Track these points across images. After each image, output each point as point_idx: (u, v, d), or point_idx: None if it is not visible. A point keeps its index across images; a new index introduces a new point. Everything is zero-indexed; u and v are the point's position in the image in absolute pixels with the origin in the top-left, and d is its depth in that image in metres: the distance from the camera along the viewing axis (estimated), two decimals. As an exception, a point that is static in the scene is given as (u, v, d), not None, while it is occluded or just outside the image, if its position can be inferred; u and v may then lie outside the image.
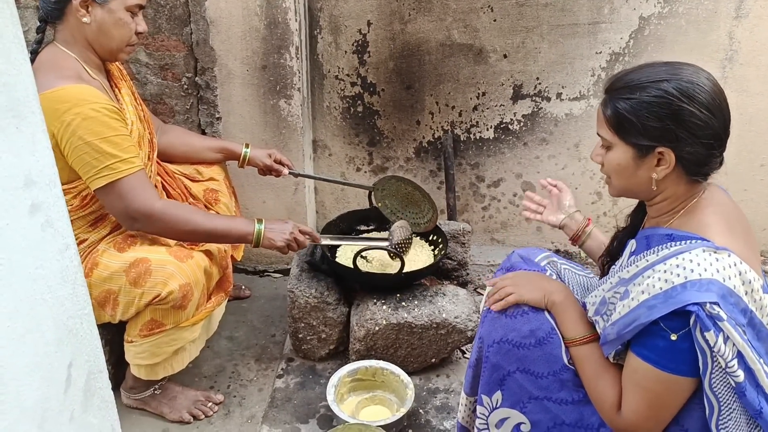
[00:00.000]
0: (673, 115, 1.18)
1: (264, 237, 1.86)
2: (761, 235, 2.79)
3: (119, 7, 1.71)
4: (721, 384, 1.15)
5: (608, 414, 1.28)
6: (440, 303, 2.09)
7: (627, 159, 1.26)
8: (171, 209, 1.75)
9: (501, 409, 1.42)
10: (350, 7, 2.50)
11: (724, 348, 1.10)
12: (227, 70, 2.40)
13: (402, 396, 1.96)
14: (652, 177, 1.24)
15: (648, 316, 1.15)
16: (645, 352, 1.19)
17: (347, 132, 2.73)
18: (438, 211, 2.32)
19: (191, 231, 1.78)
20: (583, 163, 2.71)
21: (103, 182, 1.67)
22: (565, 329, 1.37)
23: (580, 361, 1.34)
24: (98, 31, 1.72)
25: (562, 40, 2.50)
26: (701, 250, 1.15)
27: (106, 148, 1.65)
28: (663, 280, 1.15)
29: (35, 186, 0.84)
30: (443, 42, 2.54)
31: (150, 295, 1.74)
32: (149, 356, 1.85)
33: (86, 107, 1.62)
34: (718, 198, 1.29)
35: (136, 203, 1.70)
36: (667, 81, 1.19)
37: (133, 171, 1.69)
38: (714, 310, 1.10)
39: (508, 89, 2.61)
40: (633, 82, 1.23)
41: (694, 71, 1.21)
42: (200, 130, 2.51)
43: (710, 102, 1.18)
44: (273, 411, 2.03)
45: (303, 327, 2.16)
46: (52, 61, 1.70)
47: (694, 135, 1.18)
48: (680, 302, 1.11)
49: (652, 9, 2.43)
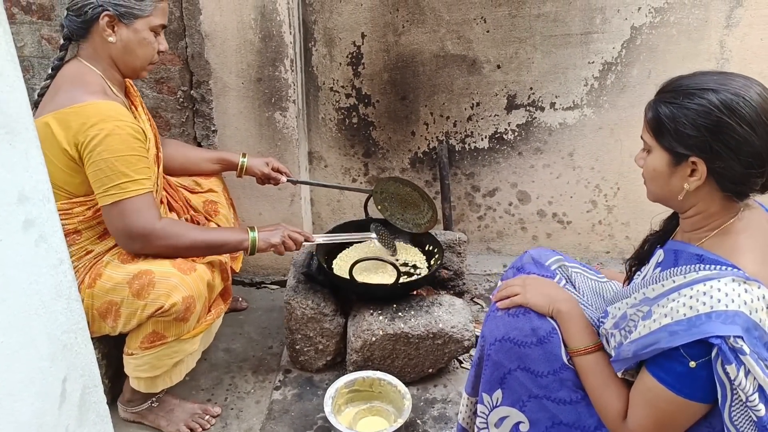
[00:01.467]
0: (711, 127, 1.14)
1: (259, 239, 1.90)
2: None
3: (144, 27, 1.76)
4: (741, 417, 1.12)
5: (613, 423, 1.27)
6: (437, 313, 2.09)
7: (662, 165, 1.22)
8: (169, 228, 1.78)
9: (501, 408, 1.42)
10: (344, 20, 2.51)
11: (745, 382, 1.08)
12: (222, 83, 2.41)
13: (399, 406, 1.96)
14: (684, 187, 1.21)
15: (669, 342, 1.12)
16: (662, 374, 1.16)
17: (342, 143, 2.75)
18: (437, 210, 2.33)
19: (190, 246, 1.81)
20: (578, 172, 2.73)
21: (109, 200, 1.70)
22: (570, 339, 1.37)
23: (584, 371, 1.33)
24: (123, 50, 1.77)
25: (555, 50, 2.52)
26: (731, 279, 1.11)
27: (120, 166, 1.68)
28: (688, 307, 1.12)
29: (29, 202, 0.84)
30: (437, 53, 2.56)
31: (153, 307, 1.74)
32: (150, 369, 1.85)
33: (111, 123, 1.66)
34: (756, 220, 1.24)
35: (136, 224, 1.72)
36: (713, 91, 1.14)
37: (141, 192, 1.72)
38: (737, 344, 1.06)
39: (502, 99, 2.63)
40: (681, 87, 1.19)
41: (745, 84, 1.16)
42: (196, 143, 2.52)
43: (754, 118, 1.12)
44: (270, 423, 2.03)
45: (300, 338, 2.16)
46: (79, 76, 1.74)
47: (730, 149, 1.14)
48: (703, 333, 1.08)
49: (643, 19, 2.45)
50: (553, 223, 2.85)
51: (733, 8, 2.41)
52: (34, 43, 2.41)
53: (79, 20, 1.73)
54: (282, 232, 1.96)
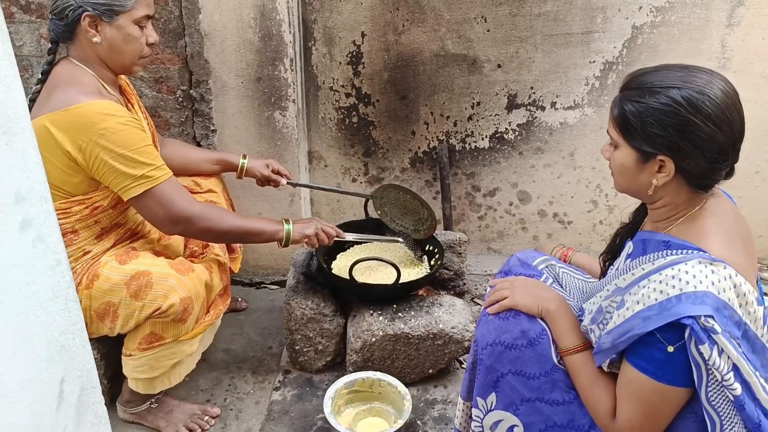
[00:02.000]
0: (678, 126, 1.16)
1: (294, 231, 1.91)
2: (757, 242, 2.79)
3: (127, 22, 1.72)
4: (719, 397, 1.14)
5: (603, 421, 1.28)
6: (437, 313, 2.08)
7: (630, 161, 1.24)
8: (209, 210, 1.79)
9: (495, 412, 1.42)
10: (344, 19, 2.51)
11: (719, 361, 1.10)
12: (222, 82, 2.40)
13: (399, 407, 1.95)
14: (652, 182, 1.23)
15: (642, 327, 1.15)
16: (642, 363, 1.18)
17: (342, 143, 2.74)
18: (436, 217, 2.33)
19: (229, 230, 1.82)
20: (579, 171, 2.72)
21: (141, 190, 1.69)
22: (559, 338, 1.37)
23: (574, 370, 1.34)
24: (109, 49, 1.74)
25: (556, 49, 2.51)
26: (697, 262, 1.14)
27: (140, 158, 1.67)
28: (658, 291, 1.15)
29: (26, 202, 0.84)
30: (437, 52, 2.55)
31: (150, 308, 1.73)
32: (148, 370, 1.84)
33: (113, 121, 1.64)
34: (721, 208, 1.27)
35: (177, 208, 1.72)
36: (677, 88, 1.16)
37: (168, 177, 1.73)
38: (708, 323, 1.09)
39: (502, 99, 2.62)
40: (645, 84, 1.20)
41: (709, 80, 1.17)
42: (195, 143, 2.51)
43: (719, 115, 1.14)
44: (270, 424, 2.02)
45: (300, 339, 2.16)
46: (71, 77, 1.72)
47: (697, 147, 1.16)
48: (675, 315, 1.11)
49: (644, 18, 2.44)
50: (553, 223, 2.84)
51: (734, 7, 2.40)
52: (33, 43, 2.40)
53: (62, 23, 1.70)
54: (316, 225, 1.97)
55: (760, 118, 2.57)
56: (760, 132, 2.59)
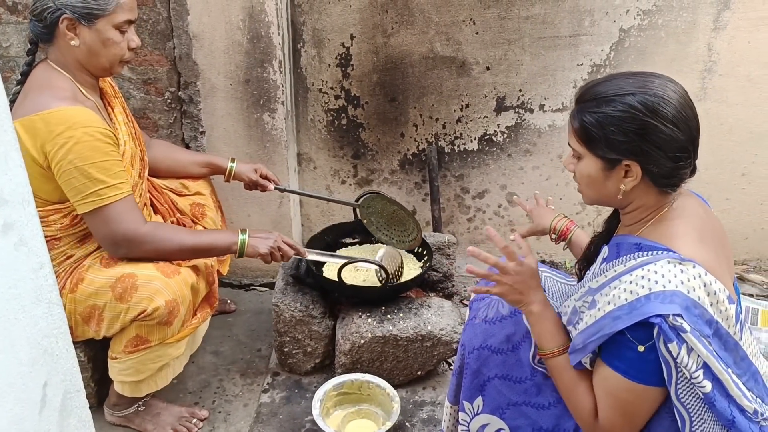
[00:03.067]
0: (638, 130, 1.18)
1: (248, 245, 1.87)
2: (744, 244, 2.81)
3: (107, 26, 1.69)
4: (688, 395, 1.16)
5: (587, 421, 1.29)
6: (425, 315, 2.08)
7: (596, 170, 1.26)
8: (155, 231, 1.76)
9: (482, 415, 1.43)
10: (333, 21, 2.51)
11: (687, 359, 1.11)
12: (210, 84, 2.40)
13: (388, 409, 1.95)
14: (620, 188, 1.25)
15: (612, 327, 1.16)
16: (615, 362, 1.20)
17: (332, 145, 2.74)
18: (422, 230, 2.31)
19: (177, 250, 1.79)
20: (567, 174, 2.73)
21: (89, 208, 1.67)
22: (539, 340, 1.37)
23: (555, 373, 1.34)
24: (88, 52, 1.71)
25: (544, 52, 2.52)
26: (666, 262, 1.16)
27: (95, 173, 1.64)
28: (628, 291, 1.17)
29: (8, 205, 0.83)
30: (426, 55, 2.55)
31: (136, 311, 1.72)
32: (134, 373, 1.83)
33: (80, 130, 1.62)
34: (691, 207, 1.29)
35: (120, 229, 1.70)
36: (632, 95, 1.19)
37: (121, 197, 1.69)
38: (677, 322, 1.11)
39: (491, 101, 2.63)
40: (600, 95, 1.23)
41: (661, 83, 1.20)
42: (184, 144, 2.51)
43: (675, 115, 1.18)
44: (259, 426, 2.02)
45: (288, 341, 2.15)
46: (47, 80, 1.70)
47: (659, 149, 1.19)
48: (644, 314, 1.13)
49: (632, 21, 2.46)
50: (542, 225, 2.85)
51: (720, 11, 2.42)
52: (21, 44, 2.39)
53: (41, 25, 1.68)
54: (272, 243, 1.90)
55: (746, 120, 2.59)
56: (746, 135, 2.61)
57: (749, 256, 2.86)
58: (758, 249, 2.84)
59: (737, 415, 1.15)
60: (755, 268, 2.84)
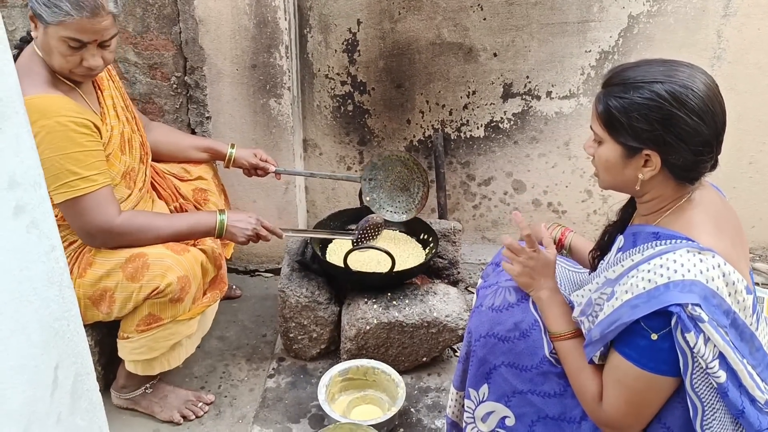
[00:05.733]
0: (663, 120, 1.16)
1: (226, 230, 1.88)
2: (751, 233, 2.80)
3: (54, 35, 1.60)
4: (703, 384, 1.15)
5: (590, 406, 1.29)
6: (431, 302, 2.09)
7: (615, 156, 1.25)
8: (130, 221, 1.75)
9: (487, 403, 1.43)
10: (340, 6, 2.49)
11: (704, 349, 1.11)
12: (217, 69, 2.39)
13: (393, 395, 1.96)
14: (638, 177, 1.24)
15: (630, 315, 1.16)
16: (626, 350, 1.20)
17: (338, 131, 2.73)
18: (428, 182, 2.33)
19: (155, 238, 1.79)
20: (573, 161, 2.72)
21: (62, 198, 1.66)
22: (549, 324, 1.39)
23: (564, 355, 1.35)
24: (42, 50, 1.67)
25: (552, 38, 2.50)
26: (685, 251, 1.15)
27: (66, 164, 1.63)
28: (646, 280, 1.16)
29: (19, 187, 0.83)
30: (433, 41, 2.54)
31: (148, 289, 1.73)
32: (147, 351, 1.84)
33: (53, 120, 1.59)
34: (708, 198, 1.28)
35: (93, 221, 1.70)
36: (660, 83, 1.17)
37: (94, 189, 1.68)
38: (695, 312, 1.10)
39: (498, 88, 2.61)
40: (628, 80, 1.21)
41: (691, 74, 1.18)
42: (190, 130, 2.50)
43: (702, 108, 1.16)
44: (264, 411, 2.03)
45: (294, 326, 2.16)
46: (27, 66, 1.67)
47: (682, 141, 1.17)
48: (662, 302, 1.12)
49: (641, 7, 2.44)
50: (548, 213, 2.84)
51: (730, -3, 2.40)
52: (26, 26, 2.37)
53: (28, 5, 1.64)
54: (250, 232, 1.91)
55: (755, 108, 2.57)
56: (755, 123, 2.60)
57: (755, 244, 2.85)
58: (765, 238, 2.84)
59: (747, 405, 1.15)
60: (761, 257, 2.84)
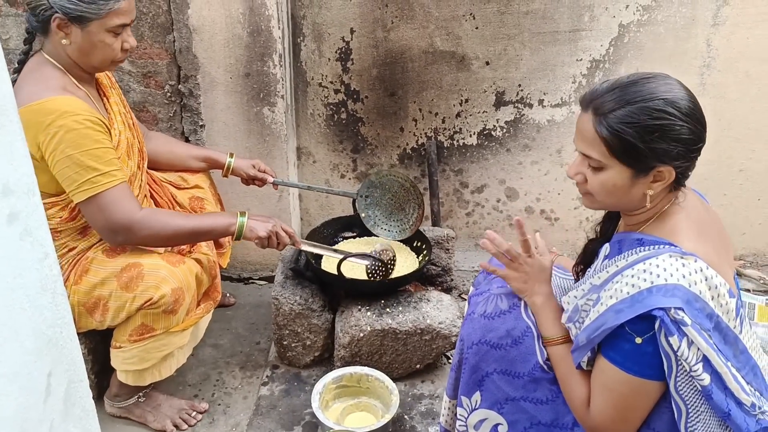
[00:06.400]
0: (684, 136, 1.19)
1: (247, 227, 1.86)
2: (741, 239, 2.82)
3: (99, 29, 1.67)
4: (687, 387, 1.16)
5: (579, 411, 1.30)
6: (425, 309, 2.09)
7: (623, 179, 1.23)
8: (151, 216, 1.75)
9: (480, 410, 1.43)
10: (333, 15, 2.51)
11: (688, 352, 1.12)
12: (210, 77, 2.40)
13: (387, 402, 1.97)
14: (645, 193, 1.24)
15: (615, 320, 1.17)
16: (611, 354, 1.21)
17: (331, 139, 2.74)
18: (423, 203, 2.33)
19: (174, 233, 1.78)
20: (566, 168, 2.73)
21: (84, 196, 1.67)
22: (544, 329, 1.40)
23: (556, 360, 1.36)
24: (78, 52, 1.70)
25: (543, 47, 2.53)
26: (668, 256, 1.17)
27: (87, 161, 1.64)
28: (630, 285, 1.17)
29: (13, 195, 0.83)
30: (426, 49, 2.56)
31: (142, 299, 1.73)
32: (138, 361, 1.84)
33: (70, 119, 1.61)
34: (691, 204, 1.30)
35: (115, 216, 1.69)
36: (664, 100, 1.18)
37: (114, 184, 1.69)
38: (678, 315, 1.11)
39: (490, 96, 2.63)
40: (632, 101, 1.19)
41: (669, 83, 1.21)
42: (184, 138, 2.51)
43: (698, 113, 1.20)
44: (258, 419, 2.02)
45: (288, 334, 2.16)
46: (38, 71, 1.70)
47: (688, 149, 1.20)
48: (646, 307, 1.13)
49: (631, 17, 2.46)
50: (541, 220, 2.86)
51: (719, 7, 2.43)
52: (20, 36, 2.38)
53: (35, 19, 1.68)
54: (270, 227, 1.91)
55: (744, 116, 2.60)
56: (744, 130, 2.62)
57: (746, 251, 2.87)
58: (755, 244, 2.86)
59: (733, 408, 1.16)
60: (752, 263, 2.86)
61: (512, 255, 1.46)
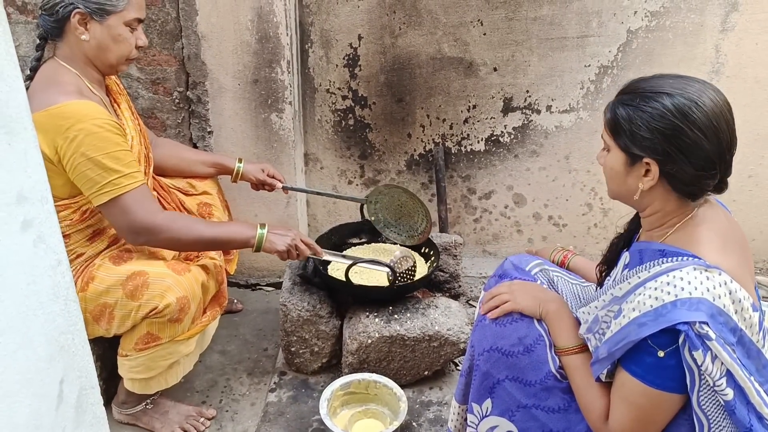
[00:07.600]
0: (664, 130, 1.17)
1: (266, 240, 1.86)
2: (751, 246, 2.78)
3: (118, 23, 1.72)
4: (709, 402, 1.15)
5: (595, 423, 1.29)
6: (433, 315, 2.09)
7: (619, 164, 1.27)
8: (173, 220, 1.76)
9: (491, 418, 1.42)
10: (341, 22, 2.51)
11: (712, 367, 1.11)
12: (219, 84, 2.41)
13: (395, 409, 1.96)
14: (638, 186, 1.25)
15: (638, 333, 1.15)
16: (633, 367, 1.19)
17: (339, 145, 2.74)
18: (431, 218, 2.32)
19: (195, 240, 1.78)
20: (573, 175, 2.73)
21: (106, 198, 1.67)
22: (558, 338, 1.38)
23: (571, 370, 1.35)
24: (97, 48, 1.73)
25: (552, 53, 2.53)
26: (692, 268, 1.15)
27: (109, 163, 1.65)
28: (653, 298, 1.15)
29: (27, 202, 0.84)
30: (434, 55, 2.56)
31: (147, 308, 1.73)
32: (144, 370, 1.84)
33: (89, 123, 1.62)
34: (714, 215, 1.28)
35: (138, 217, 1.70)
36: (668, 95, 1.18)
37: (136, 186, 1.70)
38: (703, 330, 1.09)
39: (498, 102, 2.63)
40: (638, 90, 1.23)
41: (700, 89, 1.19)
42: (192, 144, 2.51)
43: (705, 123, 1.16)
44: (266, 425, 2.02)
45: (295, 340, 2.16)
46: (54, 77, 1.71)
47: (682, 153, 1.17)
48: (670, 321, 1.11)
49: (639, 22, 2.46)
50: (548, 226, 2.85)
51: (728, 12, 2.42)
52: (30, 43, 2.40)
53: (52, 19, 1.70)
54: (291, 239, 1.90)
55: (754, 122, 2.59)
56: (754, 136, 2.61)
57: (756, 257, 2.86)
58: (765, 251, 2.85)
59: (755, 423, 1.14)
60: (761, 270, 2.84)
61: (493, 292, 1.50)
